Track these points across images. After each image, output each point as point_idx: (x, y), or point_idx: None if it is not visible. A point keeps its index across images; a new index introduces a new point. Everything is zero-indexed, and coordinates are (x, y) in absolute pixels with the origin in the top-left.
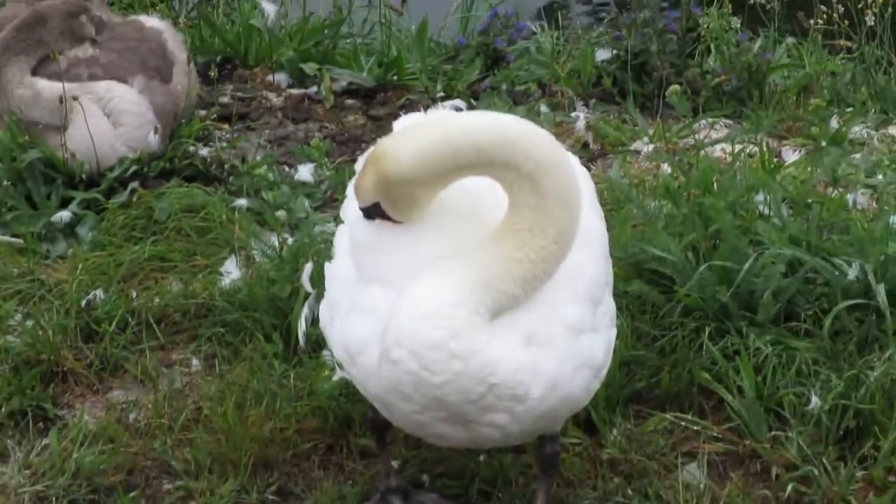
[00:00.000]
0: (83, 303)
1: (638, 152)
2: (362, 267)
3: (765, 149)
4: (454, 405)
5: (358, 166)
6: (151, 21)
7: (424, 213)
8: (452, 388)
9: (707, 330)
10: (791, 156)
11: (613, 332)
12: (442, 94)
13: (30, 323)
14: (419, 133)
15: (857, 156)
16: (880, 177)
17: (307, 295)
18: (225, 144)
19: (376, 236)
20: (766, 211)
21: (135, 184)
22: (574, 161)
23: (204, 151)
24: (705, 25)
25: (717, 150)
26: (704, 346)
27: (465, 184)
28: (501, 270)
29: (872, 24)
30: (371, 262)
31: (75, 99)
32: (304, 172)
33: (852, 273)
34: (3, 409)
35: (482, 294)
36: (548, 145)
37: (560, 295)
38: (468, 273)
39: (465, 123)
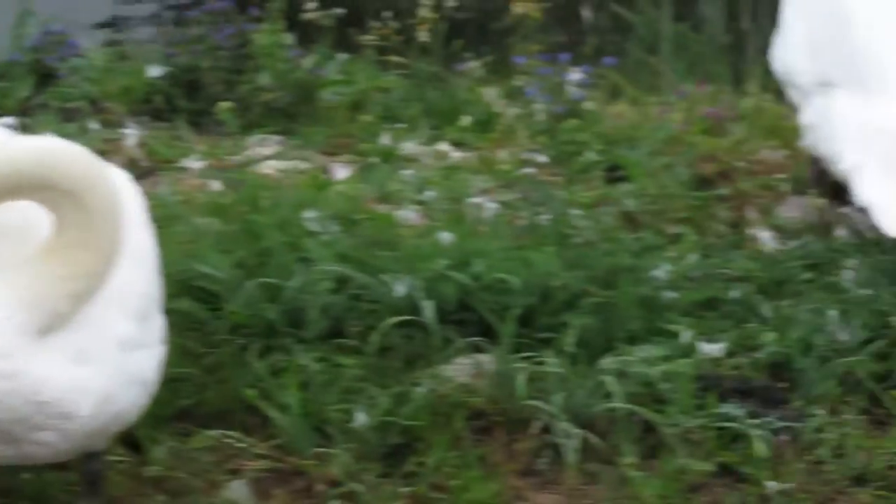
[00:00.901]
0: None
1: (188, 169)
2: None
3: (315, 165)
4: (1, 424)
5: None
6: None
7: None
8: (0, 407)
9: (255, 347)
10: (342, 172)
11: (163, 349)
12: None
13: None
14: None
15: (408, 172)
16: (430, 193)
17: None
18: None
19: None
20: (316, 227)
21: None
22: (120, 177)
23: None
24: (258, 42)
25: (268, 167)
26: (251, 363)
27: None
28: (49, 288)
29: (425, 40)
30: None
31: None
32: None
33: (400, 289)
34: None
35: (29, 313)
36: (86, 162)
37: (110, 311)
38: (14, 292)
39: None
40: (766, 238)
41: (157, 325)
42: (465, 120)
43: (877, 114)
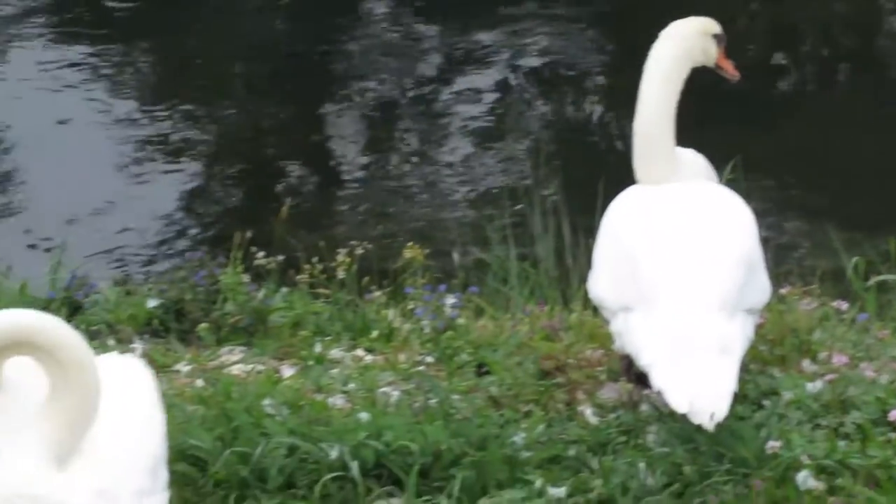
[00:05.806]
0: None
1: (179, 371)
2: None
3: (269, 367)
4: None
5: None
6: None
7: None
8: None
9: (232, 497)
10: (288, 371)
11: (166, 496)
12: None
13: None
14: None
15: (335, 371)
16: (352, 385)
17: None
18: None
19: None
20: (272, 411)
21: None
22: (140, 367)
23: None
24: (224, 281)
25: (236, 369)
26: None
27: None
28: (59, 433)
29: (343, 277)
30: None
31: None
32: None
33: (334, 453)
34: None
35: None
36: (53, 325)
37: (129, 464)
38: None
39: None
40: (591, 413)
41: (163, 478)
42: (374, 333)
43: (658, 323)
